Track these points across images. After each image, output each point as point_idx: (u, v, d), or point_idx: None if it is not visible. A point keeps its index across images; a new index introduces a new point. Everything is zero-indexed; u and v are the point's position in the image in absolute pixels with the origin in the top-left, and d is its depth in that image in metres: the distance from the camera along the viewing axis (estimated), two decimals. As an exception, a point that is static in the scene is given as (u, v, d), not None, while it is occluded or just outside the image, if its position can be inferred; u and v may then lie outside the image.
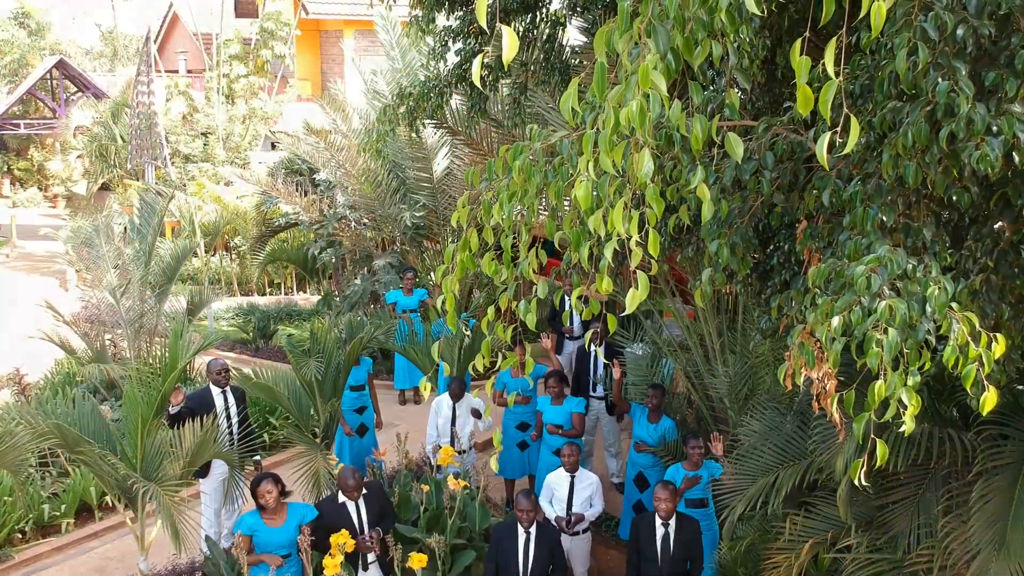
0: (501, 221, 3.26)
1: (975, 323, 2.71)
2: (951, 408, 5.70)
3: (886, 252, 2.75)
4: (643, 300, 3.02)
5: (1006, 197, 3.14)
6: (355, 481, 6.41)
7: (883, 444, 2.76)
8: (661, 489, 6.30)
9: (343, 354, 7.43)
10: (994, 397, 2.79)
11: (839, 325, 2.70)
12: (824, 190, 3.25)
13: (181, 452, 6.08)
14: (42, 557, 8.01)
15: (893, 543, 5.63)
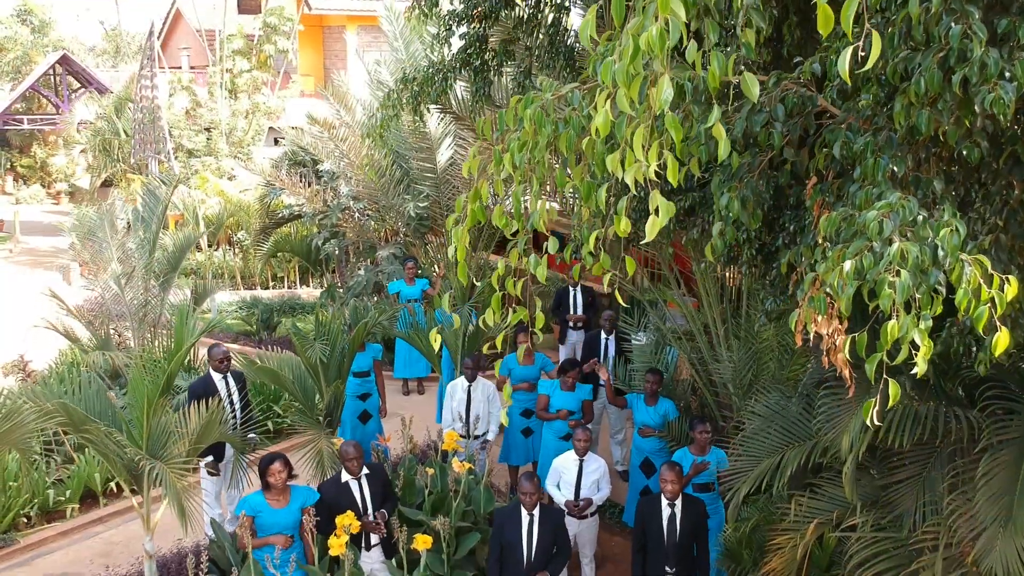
0: (512, 171, 3.26)
1: (987, 266, 2.71)
2: (956, 386, 5.69)
3: (897, 199, 2.75)
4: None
5: (1016, 155, 3.14)
6: (355, 450, 6.43)
7: (895, 384, 2.74)
8: (668, 470, 6.30)
9: (347, 339, 7.43)
10: (1007, 338, 2.77)
11: (851, 270, 2.70)
12: (835, 143, 3.24)
13: (186, 433, 6.08)
14: (47, 542, 8.03)
15: (898, 522, 5.62)
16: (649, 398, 8.19)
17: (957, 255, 2.69)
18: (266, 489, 6.31)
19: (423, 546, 6.46)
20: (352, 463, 6.45)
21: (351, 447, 6.50)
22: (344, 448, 6.52)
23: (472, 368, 8.26)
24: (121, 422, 5.86)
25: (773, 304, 6.46)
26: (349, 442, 6.56)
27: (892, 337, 2.73)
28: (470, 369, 8.26)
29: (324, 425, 7.06)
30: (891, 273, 2.63)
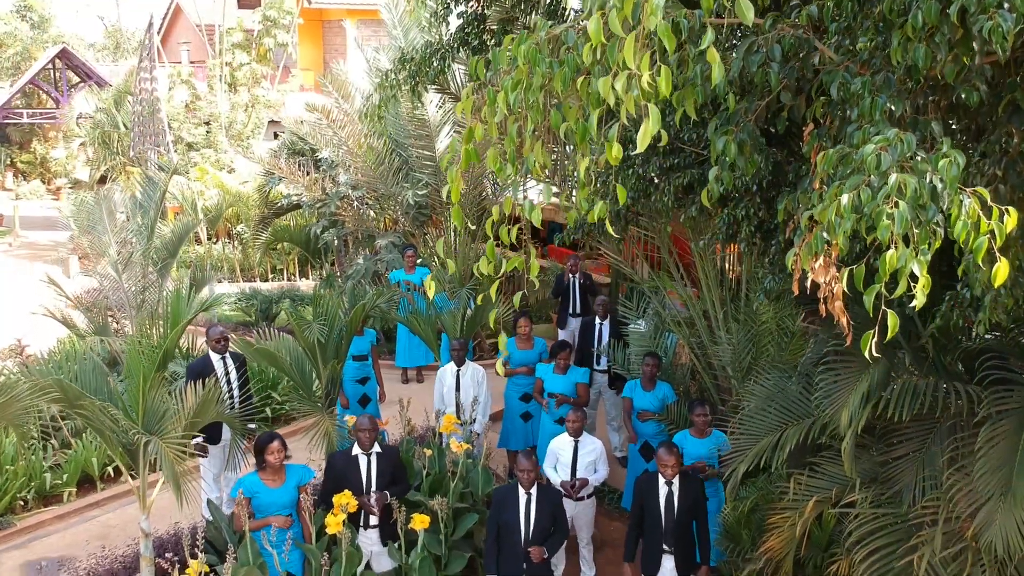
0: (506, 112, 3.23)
1: (986, 198, 2.68)
2: (956, 361, 5.66)
3: (895, 134, 2.71)
4: (653, 134, 2.85)
5: (1015, 103, 3.11)
6: (370, 423, 6.43)
7: (894, 315, 2.69)
8: (666, 454, 6.26)
9: (345, 320, 7.40)
10: (1006, 268, 2.72)
11: (848, 204, 2.66)
12: (832, 84, 3.21)
13: (183, 412, 6.05)
14: (44, 525, 8.01)
15: (898, 498, 5.60)
16: (647, 382, 8.16)
17: (956, 187, 2.65)
18: (261, 469, 6.28)
19: (420, 526, 6.43)
20: (364, 434, 6.45)
21: (367, 420, 6.52)
22: (360, 420, 6.53)
23: (459, 351, 8.23)
24: (117, 398, 5.83)
25: (772, 283, 6.45)
26: (366, 415, 6.57)
27: (891, 267, 2.70)
28: (457, 351, 8.23)
29: (324, 406, 7.02)
30: (889, 205, 2.59)
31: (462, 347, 8.27)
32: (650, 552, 6.36)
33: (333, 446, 6.94)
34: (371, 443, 6.51)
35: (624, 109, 2.86)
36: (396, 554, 6.59)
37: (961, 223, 2.65)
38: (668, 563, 6.32)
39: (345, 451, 6.68)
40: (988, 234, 2.60)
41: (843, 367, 5.68)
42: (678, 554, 6.29)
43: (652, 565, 6.35)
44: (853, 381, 5.51)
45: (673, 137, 6.49)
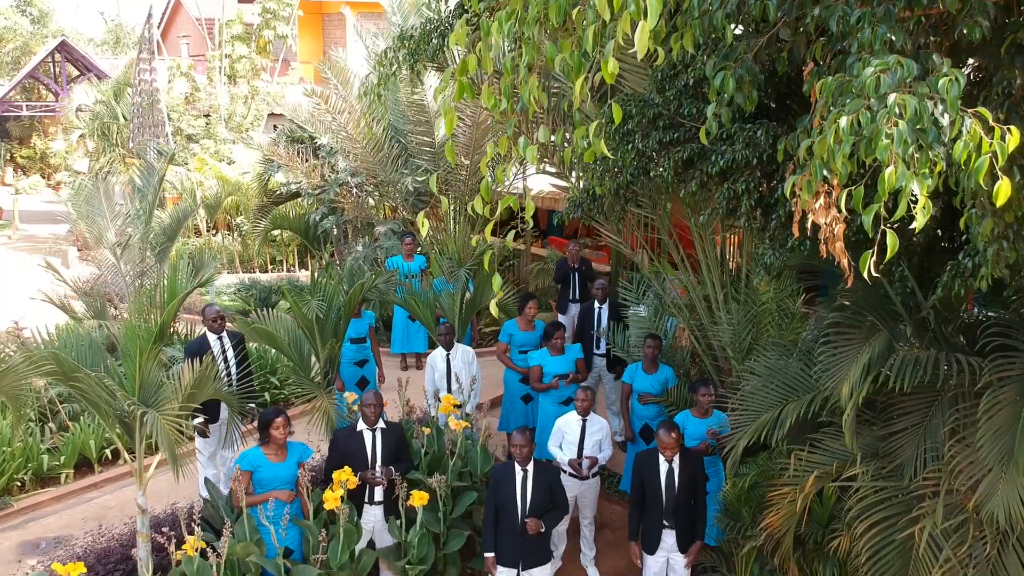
0: (500, 44, 3.18)
1: (987, 118, 2.63)
2: (958, 333, 5.62)
3: (895, 59, 2.66)
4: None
5: (1018, 43, 3.06)
6: (375, 399, 6.42)
7: (893, 234, 2.63)
8: (665, 435, 6.22)
9: (344, 298, 7.36)
10: (1008, 187, 2.67)
11: (847, 126, 2.61)
12: (831, 18, 3.16)
13: (180, 388, 6.01)
14: (41, 506, 7.97)
15: (899, 471, 5.55)
16: (649, 364, 8.12)
17: (957, 106, 2.60)
18: (264, 444, 6.26)
19: (419, 502, 6.40)
20: (369, 409, 6.44)
21: (372, 395, 6.51)
22: (365, 395, 6.54)
23: (447, 335, 8.18)
24: (113, 372, 5.79)
25: (772, 258, 6.41)
26: (371, 391, 6.55)
27: (890, 186, 2.65)
28: (444, 336, 8.19)
29: (322, 386, 6.98)
30: (888, 126, 2.54)
31: (449, 331, 8.23)
32: (650, 528, 6.33)
33: (333, 425, 6.90)
34: (376, 418, 6.50)
35: (620, 29, 2.80)
36: (396, 530, 6.56)
37: (962, 143, 2.60)
38: (668, 539, 6.30)
39: (349, 427, 6.67)
40: (990, 154, 2.55)
41: (843, 341, 5.64)
42: (678, 530, 6.26)
43: (653, 541, 6.32)
44: (854, 354, 5.48)
45: (672, 112, 6.45)
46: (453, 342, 8.22)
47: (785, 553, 6.18)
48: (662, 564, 6.36)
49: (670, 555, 6.34)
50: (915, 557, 5.22)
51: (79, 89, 22.65)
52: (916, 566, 5.24)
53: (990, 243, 3.33)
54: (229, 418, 7.32)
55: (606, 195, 6.98)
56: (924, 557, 5.17)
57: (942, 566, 5.06)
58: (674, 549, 6.30)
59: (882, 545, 5.35)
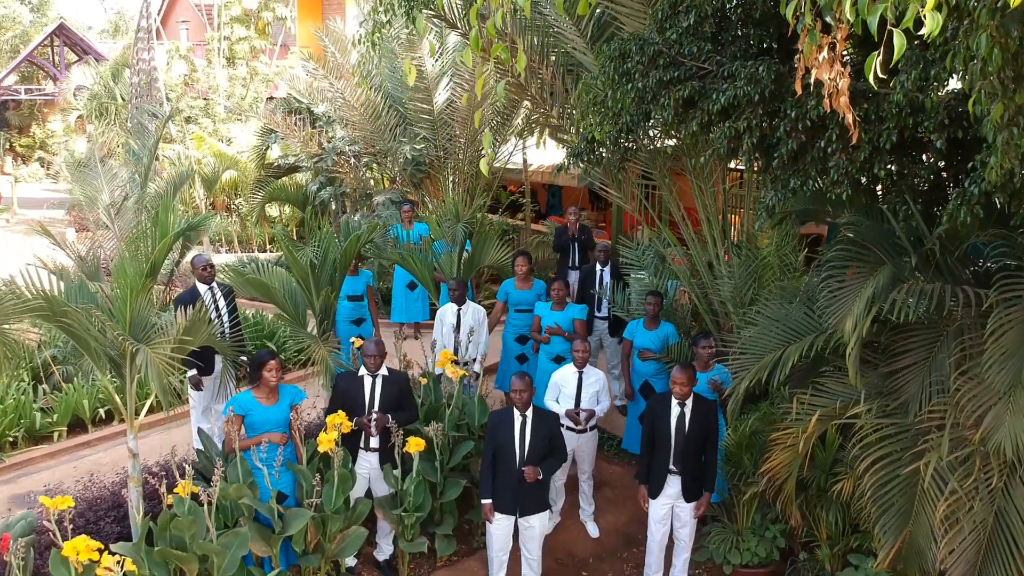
0: None
1: None
2: (964, 268, 5.51)
3: None
4: None
5: None
6: (376, 348, 6.33)
7: (899, 34, 2.49)
8: (679, 372, 6.12)
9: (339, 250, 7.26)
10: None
11: None
12: None
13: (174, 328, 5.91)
14: (33, 462, 7.88)
15: (904, 408, 5.44)
16: (649, 321, 8.02)
17: None
18: (255, 387, 6.15)
19: (415, 449, 6.30)
20: (371, 360, 6.35)
21: (372, 344, 6.43)
22: (366, 344, 6.45)
23: (458, 290, 8.09)
24: (104, 311, 5.69)
25: (775, 199, 6.30)
26: (372, 339, 6.46)
27: None
28: (455, 291, 8.09)
29: (318, 335, 6.88)
30: None
31: (460, 286, 8.14)
32: (657, 472, 6.23)
33: (331, 374, 6.80)
34: (377, 367, 6.40)
35: None
36: (392, 479, 6.46)
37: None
38: (674, 486, 6.20)
39: (351, 372, 6.59)
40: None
41: (846, 274, 5.52)
42: (684, 477, 6.16)
43: (658, 486, 6.23)
44: (857, 288, 5.36)
45: (674, 53, 6.34)
46: (465, 298, 8.12)
47: (787, 498, 6.08)
48: (666, 511, 6.26)
49: (675, 503, 6.23)
50: (920, 491, 5.12)
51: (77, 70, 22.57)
52: (921, 500, 5.14)
53: (1000, 129, 3.23)
54: (222, 371, 7.23)
55: (606, 142, 6.87)
56: (929, 490, 5.07)
57: (948, 499, 4.96)
58: (679, 497, 6.20)
59: (886, 480, 5.25)
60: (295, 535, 5.92)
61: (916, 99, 5.18)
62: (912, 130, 5.46)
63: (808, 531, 6.42)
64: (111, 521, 6.26)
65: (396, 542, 6.73)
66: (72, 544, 5.11)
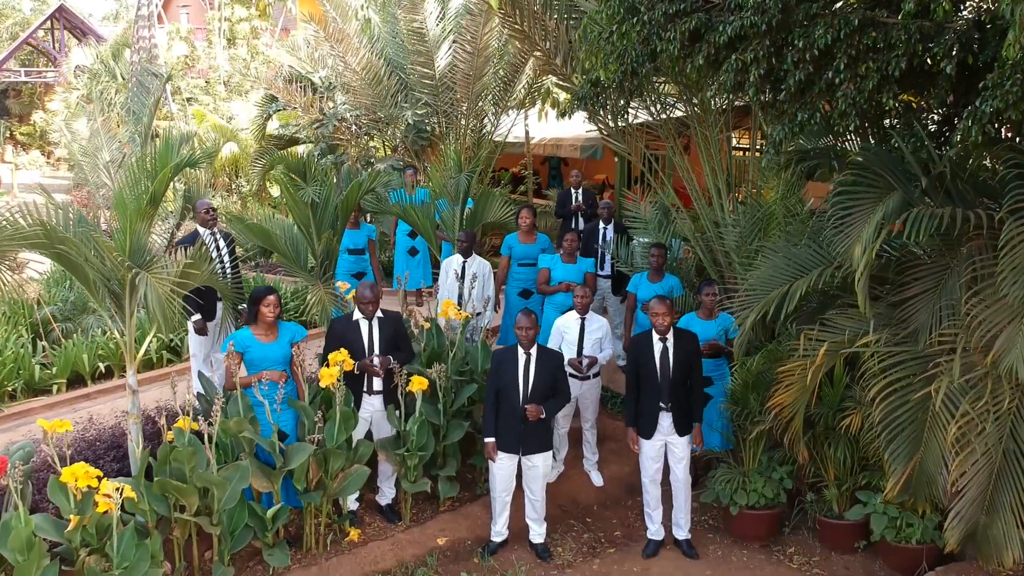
0: None
1: None
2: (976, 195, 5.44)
3: None
4: None
5: None
6: (372, 293, 6.23)
7: None
8: (658, 303, 6.07)
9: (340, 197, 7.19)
10: None
11: None
12: None
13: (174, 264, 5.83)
14: (32, 412, 7.82)
15: (913, 336, 5.38)
16: (653, 273, 7.95)
17: None
18: (254, 324, 6.08)
19: (418, 387, 6.23)
20: (367, 307, 6.25)
21: (367, 289, 6.30)
22: (361, 290, 6.32)
23: (466, 242, 8.01)
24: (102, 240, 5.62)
25: (781, 133, 6.23)
26: (367, 283, 6.36)
27: None
28: (463, 242, 8.02)
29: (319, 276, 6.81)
30: None
31: (468, 238, 8.05)
32: (647, 412, 6.16)
33: (328, 314, 6.73)
34: (373, 313, 6.30)
35: None
36: (395, 420, 6.39)
37: None
38: (665, 421, 6.14)
39: (346, 316, 6.49)
40: None
41: (856, 202, 5.44)
42: (675, 411, 6.10)
43: (649, 425, 6.16)
44: (866, 214, 5.29)
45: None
46: (471, 251, 8.04)
47: (794, 435, 6.01)
48: (659, 448, 6.19)
49: (667, 438, 6.17)
50: (931, 416, 5.05)
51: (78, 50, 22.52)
52: (932, 426, 5.08)
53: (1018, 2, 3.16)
54: (223, 317, 7.16)
55: (610, 84, 6.80)
56: (940, 413, 5.00)
57: (959, 421, 4.89)
58: (671, 432, 6.13)
59: (896, 406, 5.19)
60: (296, 471, 5.85)
61: (925, 26, 5.13)
62: (921, 57, 5.40)
63: (815, 472, 6.36)
64: (110, 460, 6.19)
65: (398, 485, 6.66)
66: (71, 470, 5.05)
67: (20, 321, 8.80)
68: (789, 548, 6.35)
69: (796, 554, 6.27)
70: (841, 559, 6.15)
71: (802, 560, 6.21)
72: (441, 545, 6.34)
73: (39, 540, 4.95)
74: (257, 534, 5.78)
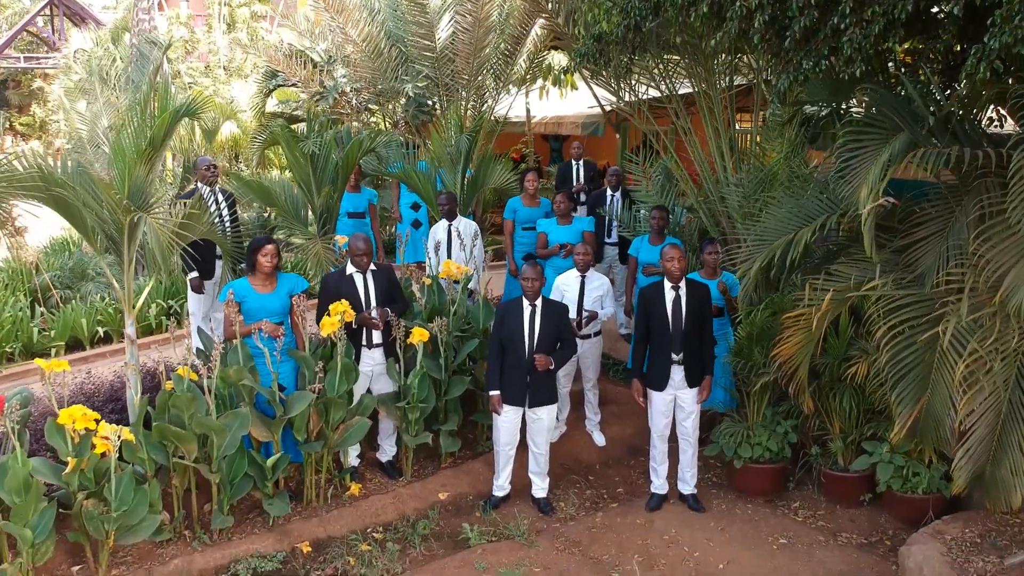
0: None
1: None
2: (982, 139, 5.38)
3: None
4: None
5: None
6: (365, 245, 6.15)
7: None
8: (671, 248, 6.01)
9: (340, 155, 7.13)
10: None
11: None
12: None
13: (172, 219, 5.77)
14: (30, 373, 7.75)
15: (920, 280, 5.32)
16: (655, 236, 7.88)
17: None
18: (251, 274, 6.01)
19: (419, 339, 6.17)
20: (360, 259, 6.17)
21: (360, 241, 6.20)
22: (354, 242, 6.23)
23: (447, 204, 7.90)
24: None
25: (786, 81, 6.17)
26: (359, 235, 6.28)
27: None
28: (444, 205, 7.91)
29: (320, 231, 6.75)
30: None
31: (450, 200, 7.93)
32: (658, 364, 6.08)
33: (324, 269, 6.66)
34: (366, 265, 6.23)
35: None
36: (395, 373, 6.33)
37: None
38: (677, 374, 6.06)
39: (339, 271, 6.41)
40: None
41: (861, 145, 5.38)
42: (687, 363, 6.02)
43: (661, 377, 6.08)
44: (873, 156, 5.22)
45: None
46: (456, 212, 7.96)
47: (800, 386, 5.95)
48: (670, 401, 6.12)
49: (678, 392, 6.09)
50: (939, 355, 4.99)
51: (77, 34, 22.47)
52: (939, 367, 5.02)
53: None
54: (222, 276, 7.11)
55: (613, 36, 6.74)
56: (948, 352, 4.94)
57: (967, 359, 4.84)
58: (683, 385, 6.06)
59: (904, 347, 5.12)
60: (297, 422, 5.79)
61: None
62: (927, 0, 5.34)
63: (820, 425, 6.30)
64: (109, 412, 6.13)
65: (399, 443, 6.61)
66: (68, 412, 5.01)
67: (19, 287, 8.74)
68: (794, 503, 6.30)
69: (801, 508, 6.22)
70: (847, 512, 6.10)
71: (807, 514, 6.15)
72: (443, 499, 6.29)
73: (36, 481, 4.90)
74: (257, 483, 5.72)
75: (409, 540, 5.78)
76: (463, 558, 5.54)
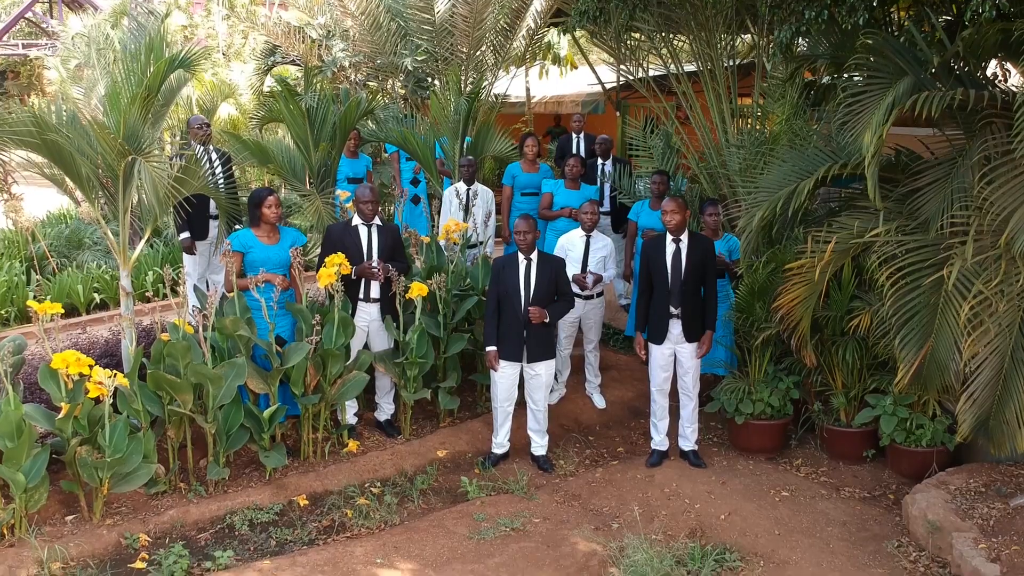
0: None
1: None
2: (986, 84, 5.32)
3: None
4: None
5: None
6: (372, 194, 6.11)
7: None
8: (670, 201, 5.95)
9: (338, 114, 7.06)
10: None
11: None
12: None
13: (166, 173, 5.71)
14: (26, 337, 7.66)
15: (924, 227, 5.26)
16: (655, 201, 7.81)
17: None
18: (256, 226, 5.97)
19: (418, 294, 6.11)
20: (366, 206, 6.11)
21: (367, 190, 6.17)
22: (360, 191, 6.19)
23: (468, 167, 7.88)
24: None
25: (788, 32, 6.11)
26: (366, 185, 6.22)
27: None
28: (466, 168, 7.88)
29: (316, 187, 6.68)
30: None
31: (470, 164, 7.91)
32: (657, 317, 6.02)
33: (325, 223, 6.61)
34: (372, 214, 6.17)
35: None
36: (393, 330, 6.26)
37: None
38: (675, 328, 5.99)
39: (344, 221, 6.35)
40: None
41: (864, 90, 5.31)
42: (685, 318, 5.95)
43: (659, 332, 6.02)
44: (876, 100, 5.15)
45: None
46: (474, 177, 7.90)
47: (802, 338, 5.89)
48: (669, 356, 6.05)
49: (676, 346, 6.03)
50: (943, 297, 4.93)
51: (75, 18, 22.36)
52: (944, 307, 4.95)
53: None
54: (218, 238, 7.04)
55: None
56: (952, 296, 4.88)
57: (971, 301, 4.77)
58: (681, 340, 5.99)
59: (908, 291, 5.06)
60: (294, 375, 5.73)
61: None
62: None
63: (822, 381, 6.23)
64: (103, 366, 6.04)
65: (397, 401, 6.55)
66: (62, 356, 4.94)
67: (15, 254, 8.68)
68: (796, 459, 6.24)
69: (803, 464, 6.16)
70: (849, 468, 6.04)
71: (809, 470, 6.09)
72: (441, 457, 6.23)
73: (29, 426, 4.84)
74: (254, 435, 5.66)
75: (407, 494, 5.73)
76: (462, 510, 5.49)
